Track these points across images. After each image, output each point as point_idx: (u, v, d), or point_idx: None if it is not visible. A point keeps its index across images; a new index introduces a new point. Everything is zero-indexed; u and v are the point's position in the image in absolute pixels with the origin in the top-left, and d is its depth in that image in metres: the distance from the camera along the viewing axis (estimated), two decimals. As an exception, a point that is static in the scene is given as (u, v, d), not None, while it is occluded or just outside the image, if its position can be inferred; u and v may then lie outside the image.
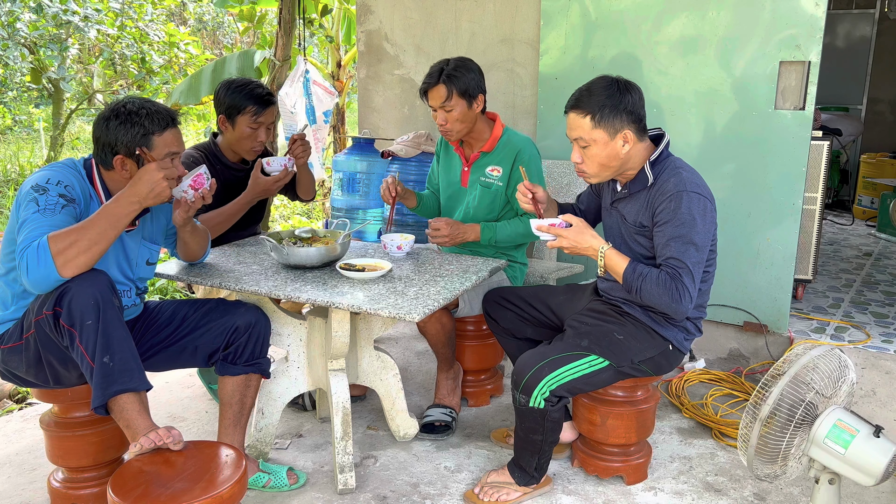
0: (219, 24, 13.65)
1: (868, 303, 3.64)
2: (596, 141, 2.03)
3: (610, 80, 2.05)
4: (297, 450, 2.54)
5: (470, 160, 2.72)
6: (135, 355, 1.84)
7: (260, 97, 2.63)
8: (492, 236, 2.61)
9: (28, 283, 1.76)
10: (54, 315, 1.79)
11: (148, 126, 1.94)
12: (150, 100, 2.03)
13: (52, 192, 1.86)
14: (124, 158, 1.95)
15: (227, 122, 2.67)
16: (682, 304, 1.96)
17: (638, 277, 2.00)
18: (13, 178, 8.21)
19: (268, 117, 2.66)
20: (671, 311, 2.00)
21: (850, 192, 6.59)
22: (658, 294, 1.97)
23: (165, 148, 1.97)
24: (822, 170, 3.49)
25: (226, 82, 2.70)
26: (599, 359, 2.09)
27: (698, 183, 2.05)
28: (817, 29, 2.90)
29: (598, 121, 2.01)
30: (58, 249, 1.74)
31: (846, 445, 1.77)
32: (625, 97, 2.02)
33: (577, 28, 3.44)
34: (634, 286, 2.01)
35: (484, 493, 2.21)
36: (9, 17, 7.94)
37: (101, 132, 1.95)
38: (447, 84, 2.51)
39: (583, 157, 2.08)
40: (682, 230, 1.98)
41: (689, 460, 2.48)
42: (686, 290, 1.96)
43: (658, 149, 2.10)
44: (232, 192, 2.73)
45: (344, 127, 7.46)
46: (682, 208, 1.98)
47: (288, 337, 2.42)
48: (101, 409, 1.79)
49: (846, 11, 6.63)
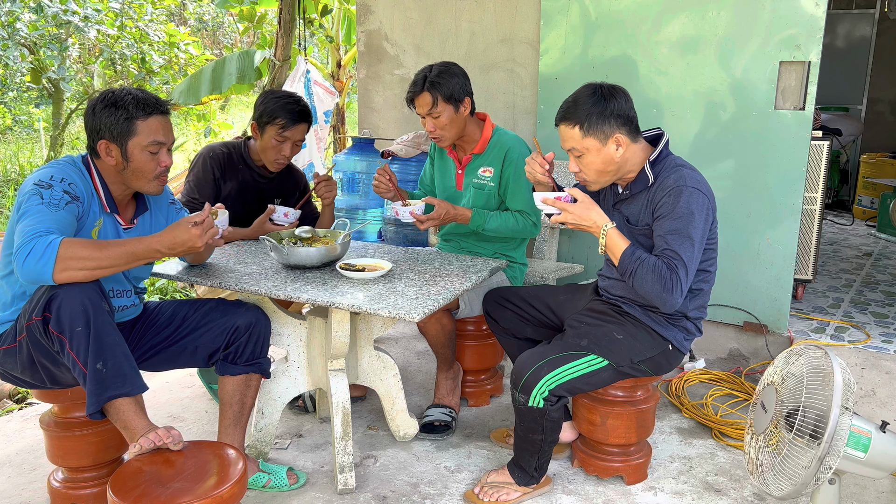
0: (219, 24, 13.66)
1: (868, 303, 3.64)
2: (588, 149, 2.04)
3: (594, 87, 2.06)
4: (297, 450, 2.54)
5: (463, 163, 2.72)
6: (128, 358, 1.82)
7: (292, 112, 2.62)
8: (481, 223, 2.60)
9: (19, 272, 1.74)
10: (43, 321, 1.77)
11: (132, 111, 1.92)
12: (142, 89, 2.01)
13: (57, 189, 1.85)
14: (108, 143, 1.94)
15: (257, 128, 2.68)
16: (674, 295, 1.97)
17: (636, 261, 2.00)
18: (13, 178, 8.21)
19: (295, 133, 2.65)
20: (661, 301, 2.00)
21: (850, 192, 6.59)
22: (651, 281, 1.97)
23: (150, 135, 1.94)
24: (822, 170, 3.49)
25: (269, 90, 2.74)
26: (599, 358, 2.09)
27: (699, 180, 2.06)
28: (817, 29, 2.90)
29: (587, 129, 2.02)
30: (66, 256, 1.72)
31: (865, 450, 1.77)
32: (610, 102, 2.02)
33: (576, 28, 3.44)
34: (630, 269, 2.01)
35: (484, 493, 2.21)
36: (9, 17, 7.93)
37: (89, 118, 1.95)
38: (431, 91, 2.50)
39: (579, 167, 2.09)
40: (679, 224, 1.99)
41: (689, 460, 2.48)
42: (679, 283, 1.96)
43: (657, 149, 2.10)
44: (245, 193, 2.74)
45: (344, 127, 7.46)
46: (681, 203, 1.99)
47: (288, 337, 2.42)
48: (96, 415, 1.78)
49: (846, 11, 6.63)
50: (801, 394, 1.81)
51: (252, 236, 2.68)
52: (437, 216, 2.55)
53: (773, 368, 1.97)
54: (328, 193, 2.73)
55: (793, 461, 1.78)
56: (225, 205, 2.70)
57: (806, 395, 1.80)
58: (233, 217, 2.76)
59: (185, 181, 2.75)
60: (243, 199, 2.74)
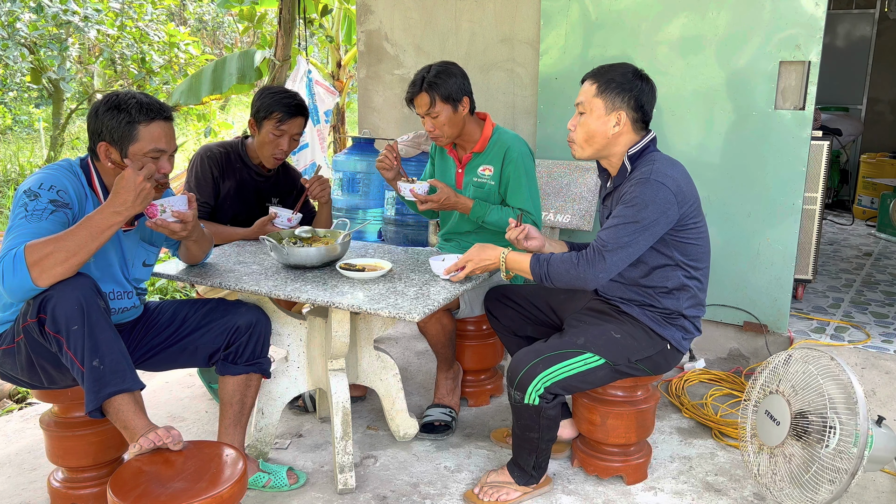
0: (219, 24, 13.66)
1: (868, 303, 3.64)
2: (593, 110, 2.10)
3: (632, 66, 2.14)
4: (297, 450, 2.55)
5: (463, 162, 2.73)
6: (125, 356, 1.81)
7: (289, 105, 2.63)
8: (482, 215, 2.62)
9: (5, 292, 1.74)
10: (39, 322, 1.77)
11: (134, 115, 1.90)
12: (147, 94, 1.99)
13: (44, 198, 1.84)
14: (108, 146, 1.93)
15: (255, 124, 2.69)
16: (592, 270, 2.01)
17: (543, 263, 2.08)
18: (13, 178, 8.22)
19: (292, 127, 2.66)
20: (581, 279, 2.03)
21: (850, 192, 6.59)
22: (563, 270, 2.05)
23: (151, 142, 1.93)
24: (822, 170, 3.49)
25: (265, 87, 2.74)
26: (595, 357, 2.08)
27: (668, 174, 2.03)
28: (817, 29, 2.90)
29: (601, 91, 2.08)
30: (33, 260, 1.70)
31: (870, 447, 1.77)
32: (636, 83, 2.09)
33: (577, 28, 3.44)
34: (542, 272, 2.08)
35: (484, 493, 2.21)
36: (9, 17, 7.94)
37: (92, 120, 1.94)
38: (429, 91, 2.52)
39: (576, 125, 2.14)
40: (628, 211, 2.01)
41: (689, 460, 2.48)
42: (599, 260, 2.01)
43: (640, 143, 2.11)
44: (245, 191, 2.75)
45: (344, 127, 7.46)
46: (639, 193, 2.01)
47: (288, 337, 2.42)
48: (96, 413, 1.78)
49: (846, 11, 6.63)
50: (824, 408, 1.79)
51: (252, 237, 2.69)
52: (438, 199, 2.58)
53: (772, 373, 1.96)
54: (322, 193, 2.74)
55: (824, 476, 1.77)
56: (225, 204, 2.71)
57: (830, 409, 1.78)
58: (232, 216, 2.76)
59: (185, 182, 2.76)
60: (242, 198, 2.75)
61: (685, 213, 2.06)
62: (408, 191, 2.60)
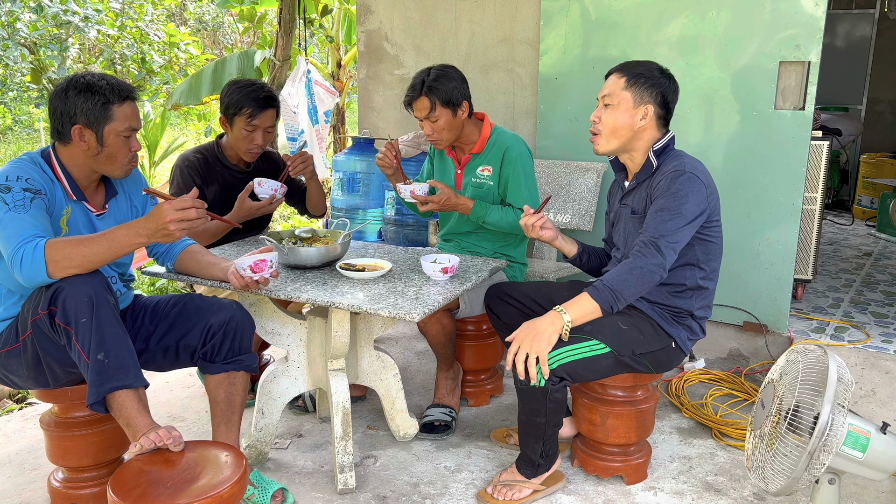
0: (219, 24, 13.65)
1: (868, 303, 3.64)
2: (620, 103, 2.13)
3: (657, 63, 2.18)
4: (297, 450, 2.55)
5: (462, 163, 2.73)
6: (131, 352, 1.83)
7: (257, 99, 2.61)
8: (482, 215, 2.61)
9: (20, 278, 1.78)
10: (49, 314, 1.79)
11: (108, 96, 1.93)
12: (107, 73, 2.02)
13: (16, 188, 1.85)
14: (83, 128, 1.93)
15: (226, 121, 2.67)
16: (652, 260, 1.99)
17: (602, 289, 2.02)
18: (13, 178, 8.18)
19: (264, 121, 2.65)
20: (652, 276, 2.01)
21: (850, 192, 6.59)
22: (626, 275, 2.01)
23: (126, 121, 1.96)
24: (822, 170, 3.49)
25: (231, 81, 2.70)
26: (601, 344, 2.09)
27: (699, 168, 2.10)
28: (817, 29, 2.90)
29: (630, 84, 2.12)
30: (52, 258, 1.76)
31: (864, 450, 1.76)
32: (663, 80, 2.14)
33: (577, 28, 3.44)
34: (608, 297, 2.02)
35: (497, 493, 2.21)
36: (9, 17, 7.94)
37: (59, 103, 1.93)
38: (429, 96, 2.51)
39: (601, 117, 2.15)
40: (671, 203, 2.03)
41: (689, 460, 2.48)
42: (660, 252, 2.00)
43: (664, 138, 2.16)
44: (229, 193, 2.73)
45: (344, 127, 7.46)
46: (677, 184, 2.04)
47: (288, 337, 2.42)
48: (98, 407, 1.79)
49: (846, 11, 6.63)
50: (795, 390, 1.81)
51: (234, 219, 2.61)
52: (439, 200, 2.58)
53: (774, 367, 1.97)
54: (304, 167, 2.73)
55: (786, 457, 1.78)
56: (213, 209, 2.63)
57: (800, 390, 1.80)
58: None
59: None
60: (229, 200, 2.72)
61: (713, 209, 2.11)
62: (408, 193, 2.59)
